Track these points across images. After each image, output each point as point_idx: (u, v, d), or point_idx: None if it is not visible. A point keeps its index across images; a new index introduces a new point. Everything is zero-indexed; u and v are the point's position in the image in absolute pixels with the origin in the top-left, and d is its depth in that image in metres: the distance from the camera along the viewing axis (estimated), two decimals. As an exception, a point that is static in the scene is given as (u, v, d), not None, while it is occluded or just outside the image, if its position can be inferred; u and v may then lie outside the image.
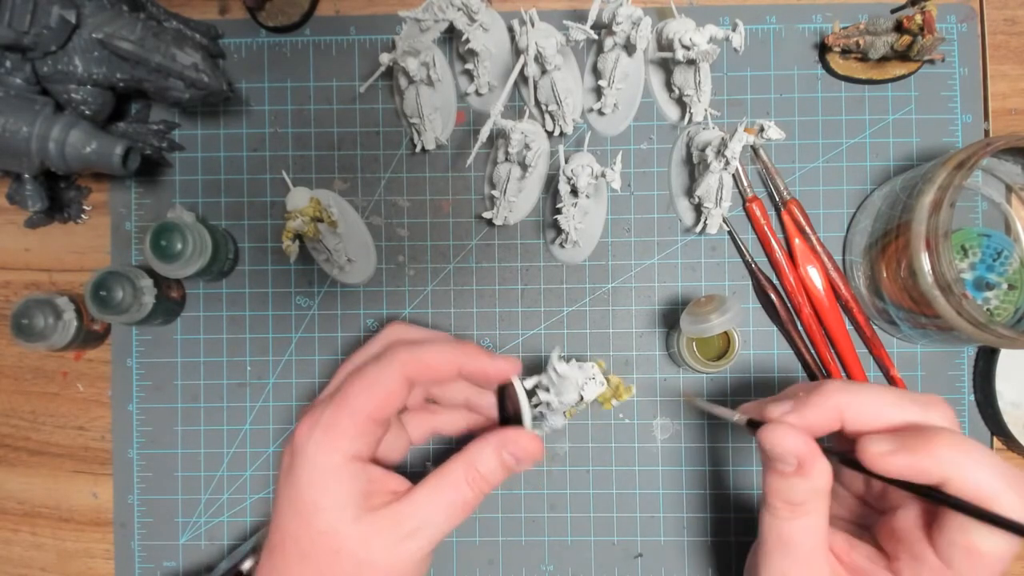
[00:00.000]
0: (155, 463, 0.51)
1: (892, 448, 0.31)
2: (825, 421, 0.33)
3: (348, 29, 0.52)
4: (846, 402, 0.33)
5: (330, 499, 0.35)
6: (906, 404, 0.33)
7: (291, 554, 0.35)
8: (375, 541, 0.34)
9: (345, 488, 0.35)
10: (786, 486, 0.33)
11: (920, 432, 0.31)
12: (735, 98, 0.51)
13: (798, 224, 0.50)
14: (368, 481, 0.36)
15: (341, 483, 0.35)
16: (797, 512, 0.33)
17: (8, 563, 0.52)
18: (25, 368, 0.52)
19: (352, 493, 0.35)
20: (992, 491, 0.29)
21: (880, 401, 0.33)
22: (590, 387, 0.42)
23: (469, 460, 0.36)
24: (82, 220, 0.52)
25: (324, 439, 0.35)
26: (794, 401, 0.34)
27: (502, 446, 0.36)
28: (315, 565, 0.35)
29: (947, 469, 0.30)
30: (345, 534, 0.34)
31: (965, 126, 0.51)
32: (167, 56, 0.43)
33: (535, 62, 0.45)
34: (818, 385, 0.35)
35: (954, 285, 0.39)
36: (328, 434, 0.36)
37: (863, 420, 0.33)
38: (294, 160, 0.52)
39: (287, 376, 0.51)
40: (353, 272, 0.50)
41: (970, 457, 0.30)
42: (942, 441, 0.30)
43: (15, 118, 0.40)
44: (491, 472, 0.36)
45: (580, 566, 0.50)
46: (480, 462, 0.36)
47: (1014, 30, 0.51)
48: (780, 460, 0.33)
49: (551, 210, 0.49)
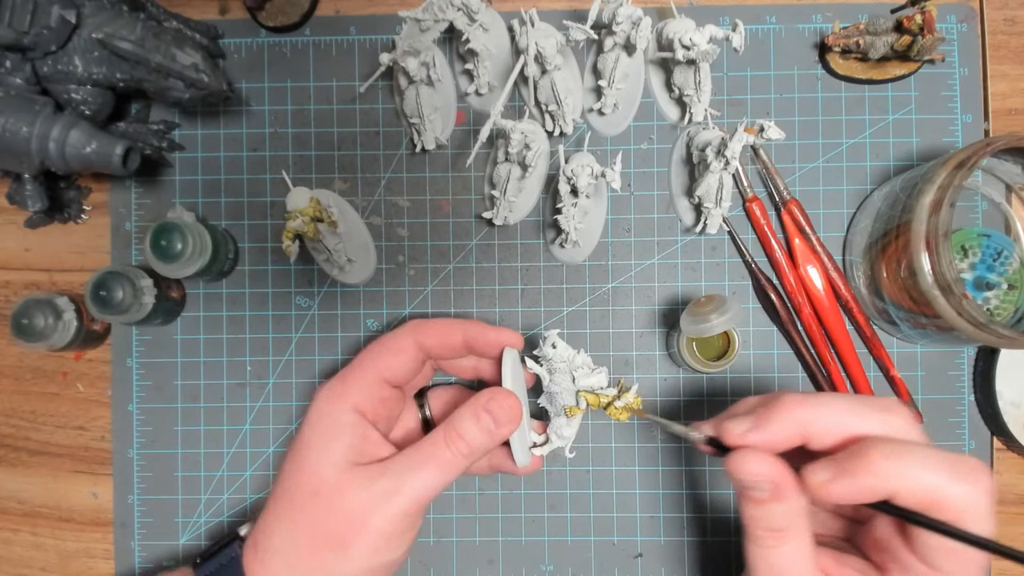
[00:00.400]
0: (155, 463, 0.51)
1: (831, 475, 0.31)
2: (787, 437, 0.33)
3: (348, 29, 0.52)
4: (807, 416, 0.33)
5: (322, 442, 0.37)
6: (865, 412, 0.32)
7: (280, 495, 0.38)
8: (353, 493, 0.36)
9: (339, 436, 0.37)
10: (766, 514, 0.32)
11: (856, 450, 0.31)
12: (735, 98, 0.51)
13: (798, 224, 0.50)
14: (363, 439, 0.38)
15: (337, 431, 0.37)
16: (782, 538, 0.32)
17: (8, 563, 0.52)
18: (25, 368, 0.52)
19: (344, 443, 0.37)
20: (937, 488, 0.29)
21: (840, 411, 0.33)
22: (583, 373, 0.41)
23: (448, 422, 0.38)
24: (82, 220, 0.52)
25: (334, 388, 0.39)
26: (754, 418, 0.33)
27: (476, 404, 0.38)
28: (297, 505, 0.37)
29: (889, 482, 0.30)
30: (325, 477, 0.36)
31: (965, 126, 0.51)
32: (167, 56, 0.43)
33: (535, 62, 0.45)
34: (775, 398, 0.34)
35: (954, 285, 0.39)
36: (339, 384, 0.39)
37: (825, 432, 0.32)
38: (294, 160, 0.52)
39: (287, 376, 0.51)
40: (353, 272, 0.50)
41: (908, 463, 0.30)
42: (877, 455, 0.30)
43: (15, 118, 0.40)
44: (467, 431, 0.37)
45: (580, 566, 0.50)
46: (457, 422, 0.38)
47: (1014, 30, 0.51)
48: (753, 488, 0.32)
49: (551, 210, 0.49)
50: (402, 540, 0.37)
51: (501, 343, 0.42)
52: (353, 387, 0.39)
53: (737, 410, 0.36)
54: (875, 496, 0.30)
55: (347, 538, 0.35)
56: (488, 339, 0.42)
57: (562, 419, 0.43)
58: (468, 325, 0.42)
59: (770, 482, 0.32)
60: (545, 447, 0.43)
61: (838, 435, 0.32)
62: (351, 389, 0.39)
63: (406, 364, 0.40)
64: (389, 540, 0.36)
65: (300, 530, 0.36)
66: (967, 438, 0.50)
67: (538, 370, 0.42)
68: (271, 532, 0.37)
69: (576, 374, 0.41)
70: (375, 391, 0.39)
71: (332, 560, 0.35)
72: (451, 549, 0.51)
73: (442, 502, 0.51)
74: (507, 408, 0.38)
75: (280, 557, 0.36)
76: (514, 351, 0.42)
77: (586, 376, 0.41)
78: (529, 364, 0.43)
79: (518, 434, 0.41)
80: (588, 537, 0.50)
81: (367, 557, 0.36)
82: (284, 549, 0.36)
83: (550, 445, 0.43)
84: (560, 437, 0.43)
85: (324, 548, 0.36)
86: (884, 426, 0.32)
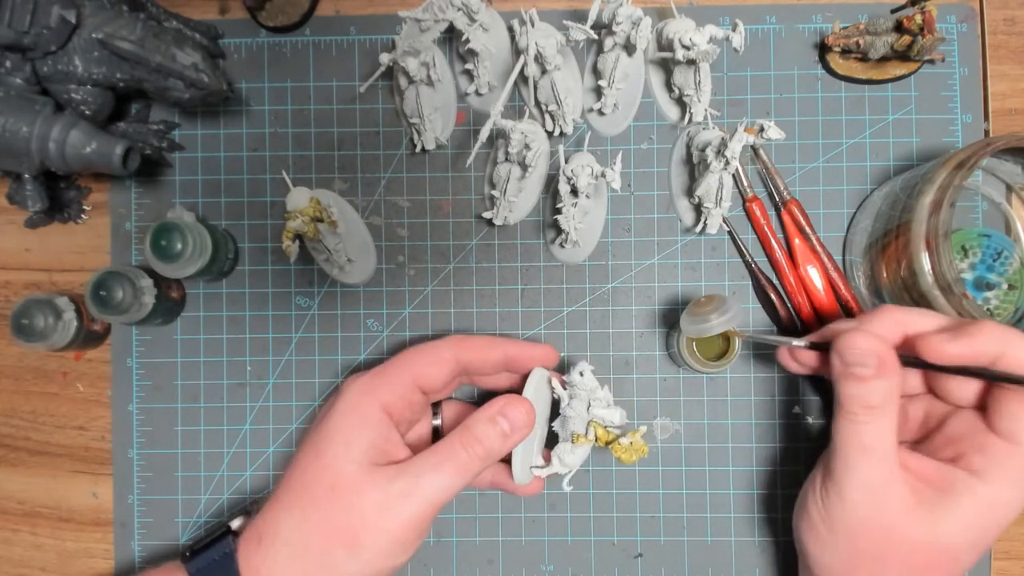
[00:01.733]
0: (155, 463, 0.51)
1: (949, 337, 0.35)
2: (890, 332, 0.37)
3: (348, 29, 0.52)
4: (905, 318, 0.37)
5: (345, 436, 0.38)
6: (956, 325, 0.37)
7: (295, 486, 0.38)
8: (371, 492, 0.36)
9: (363, 432, 0.38)
10: (865, 390, 0.36)
11: (969, 323, 0.36)
12: (735, 98, 0.51)
13: (798, 224, 0.50)
14: (385, 439, 0.38)
15: (362, 426, 0.38)
16: (875, 415, 0.36)
17: (8, 563, 0.52)
18: (25, 368, 0.52)
19: (367, 440, 0.38)
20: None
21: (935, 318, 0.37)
22: (599, 407, 0.41)
23: (464, 426, 0.38)
24: (82, 220, 0.52)
25: (367, 382, 0.39)
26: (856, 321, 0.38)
27: (492, 408, 0.39)
28: (312, 498, 0.37)
29: (998, 347, 0.34)
30: (345, 473, 0.37)
31: (965, 126, 0.51)
32: (167, 56, 0.43)
33: (535, 62, 0.45)
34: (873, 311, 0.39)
35: (954, 285, 0.39)
36: (373, 380, 0.39)
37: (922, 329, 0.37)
38: (294, 160, 0.52)
39: (287, 376, 0.51)
40: (353, 272, 0.50)
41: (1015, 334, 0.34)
42: (990, 327, 0.35)
43: (15, 118, 0.40)
44: (484, 434, 0.38)
45: (580, 566, 0.50)
46: (473, 425, 0.38)
47: (1014, 30, 0.51)
48: (859, 364, 0.36)
49: (551, 210, 0.49)
50: (412, 545, 0.37)
51: (540, 362, 0.43)
52: (385, 386, 0.39)
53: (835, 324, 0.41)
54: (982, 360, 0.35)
55: (360, 537, 0.35)
56: (529, 357, 0.43)
57: (568, 445, 0.42)
58: (509, 344, 0.42)
59: (877, 357, 0.35)
60: (544, 469, 0.42)
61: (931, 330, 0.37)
62: (383, 388, 0.39)
63: (442, 375, 0.41)
64: (401, 543, 0.36)
65: (312, 524, 0.36)
66: (967, 438, 0.50)
67: (560, 392, 0.42)
68: (279, 523, 0.37)
69: (593, 403, 0.41)
70: (406, 394, 0.39)
71: (343, 558, 0.35)
72: (451, 549, 0.51)
73: (442, 502, 0.51)
74: (522, 413, 0.39)
75: (288, 548, 0.36)
76: (544, 371, 0.43)
77: (601, 407, 0.41)
78: (554, 383, 0.43)
79: (523, 449, 0.41)
80: (588, 537, 0.50)
81: (377, 558, 0.36)
82: (293, 540, 0.36)
83: (550, 468, 0.42)
84: (561, 463, 0.42)
85: (336, 545, 0.36)
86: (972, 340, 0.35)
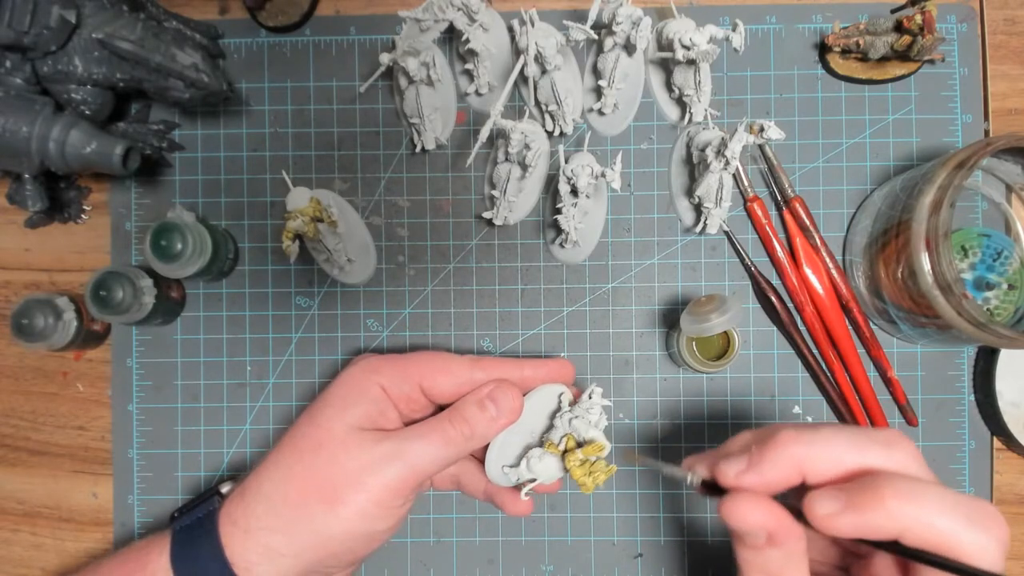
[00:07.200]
0: (155, 463, 0.51)
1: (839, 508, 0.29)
2: (784, 477, 0.31)
3: (348, 29, 0.52)
4: (804, 454, 0.31)
5: (342, 404, 0.39)
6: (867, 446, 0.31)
7: (285, 445, 0.39)
8: (356, 451, 0.37)
9: (359, 401, 0.39)
10: (761, 559, 0.31)
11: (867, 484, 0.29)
12: (735, 98, 0.51)
13: (800, 222, 0.50)
14: (381, 413, 0.39)
15: (359, 396, 0.39)
16: None
17: (8, 563, 0.52)
18: (25, 368, 0.52)
19: (362, 408, 0.39)
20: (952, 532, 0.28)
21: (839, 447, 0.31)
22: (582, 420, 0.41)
23: (453, 408, 0.40)
24: (82, 220, 0.52)
25: (372, 363, 0.40)
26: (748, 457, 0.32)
27: (480, 392, 0.40)
28: (299, 454, 0.38)
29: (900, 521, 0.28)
30: (332, 430, 0.38)
31: (965, 126, 0.51)
32: (167, 56, 0.43)
33: (535, 62, 0.45)
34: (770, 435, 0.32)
35: (954, 285, 0.39)
36: (378, 362, 0.40)
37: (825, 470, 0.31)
38: (294, 160, 0.52)
39: (287, 376, 0.51)
40: (353, 272, 0.50)
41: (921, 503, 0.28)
42: (890, 492, 0.28)
43: (15, 118, 0.40)
44: (472, 415, 0.39)
45: (580, 566, 0.50)
46: (462, 406, 0.39)
47: (1014, 30, 0.51)
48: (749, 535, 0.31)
49: (551, 210, 0.49)
50: (392, 511, 0.37)
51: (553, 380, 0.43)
52: (388, 373, 0.40)
53: (731, 447, 0.34)
54: (883, 535, 0.29)
55: (340, 493, 0.36)
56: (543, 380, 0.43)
57: (539, 450, 0.41)
58: (526, 366, 0.42)
59: (765, 530, 0.30)
60: (514, 470, 0.41)
61: (838, 471, 0.31)
62: (387, 373, 0.40)
63: (448, 386, 0.40)
64: (380, 505, 0.36)
65: (295, 478, 0.37)
66: (967, 438, 0.50)
67: (564, 404, 0.42)
68: (264, 478, 0.37)
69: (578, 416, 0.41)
70: (406, 390, 0.40)
71: (320, 514, 0.36)
72: (451, 549, 0.51)
73: (442, 502, 0.51)
74: (509, 399, 0.39)
75: (265, 501, 0.37)
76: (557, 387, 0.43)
77: (583, 422, 0.41)
78: (563, 397, 0.42)
79: (500, 445, 0.41)
80: (588, 537, 0.50)
81: (354, 519, 0.36)
82: (272, 494, 0.37)
83: (517, 470, 0.41)
84: (528, 468, 0.41)
85: (314, 500, 0.36)
86: (888, 461, 0.30)
